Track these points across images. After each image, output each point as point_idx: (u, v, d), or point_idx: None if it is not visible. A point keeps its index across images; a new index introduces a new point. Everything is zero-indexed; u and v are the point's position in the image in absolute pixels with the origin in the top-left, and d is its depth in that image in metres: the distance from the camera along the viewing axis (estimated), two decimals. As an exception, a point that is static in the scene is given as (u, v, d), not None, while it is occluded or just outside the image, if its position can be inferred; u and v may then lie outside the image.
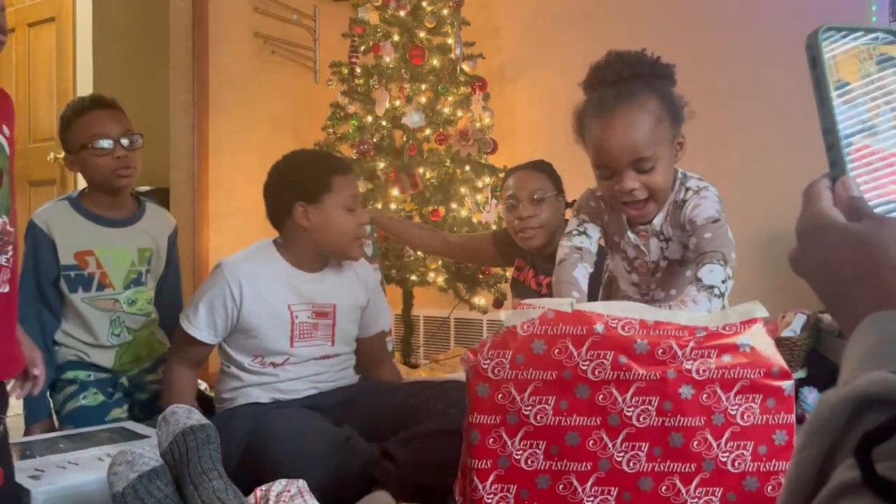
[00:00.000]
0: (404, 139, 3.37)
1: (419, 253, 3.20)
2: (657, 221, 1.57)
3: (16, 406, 1.89)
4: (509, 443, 1.35)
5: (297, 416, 1.84)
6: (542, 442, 1.33)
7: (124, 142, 2.18)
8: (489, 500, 1.36)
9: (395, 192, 3.25)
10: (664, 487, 1.31)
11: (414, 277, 3.32)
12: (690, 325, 1.33)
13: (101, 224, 2.20)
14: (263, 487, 1.48)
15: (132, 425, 1.98)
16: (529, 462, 1.35)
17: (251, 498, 1.48)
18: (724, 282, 1.45)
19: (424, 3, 3.37)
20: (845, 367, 0.47)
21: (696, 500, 1.30)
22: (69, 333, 2.17)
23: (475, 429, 1.36)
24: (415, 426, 1.85)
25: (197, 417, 1.52)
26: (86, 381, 2.17)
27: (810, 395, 2.88)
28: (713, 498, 1.30)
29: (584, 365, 1.32)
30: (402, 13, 3.37)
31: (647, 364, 1.31)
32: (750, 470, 1.30)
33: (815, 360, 2.93)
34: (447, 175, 3.30)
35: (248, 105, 3.68)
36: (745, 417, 1.30)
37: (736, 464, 1.30)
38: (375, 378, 2.19)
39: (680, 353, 1.31)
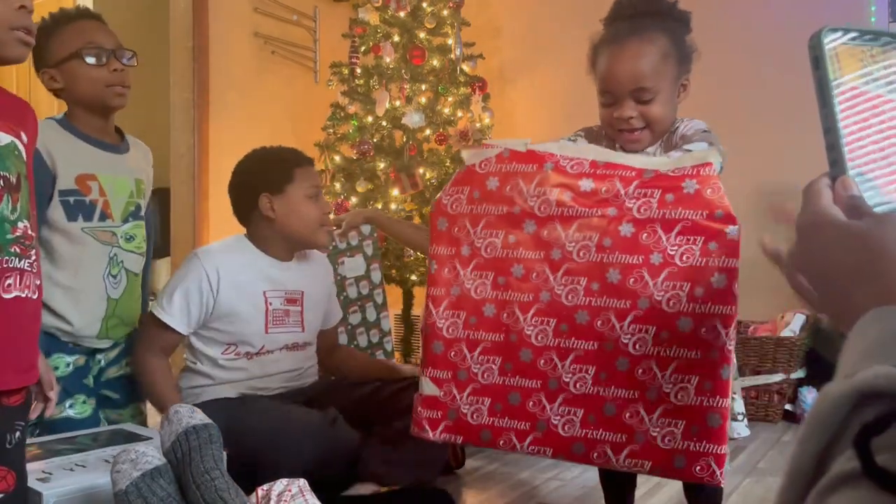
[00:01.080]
0: (404, 139, 3.37)
1: (419, 253, 3.20)
2: (650, 150, 1.61)
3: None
4: (462, 272, 1.44)
5: (276, 402, 1.93)
6: (490, 273, 1.42)
7: (121, 55, 1.91)
8: (441, 325, 1.46)
9: (395, 192, 3.25)
10: (599, 322, 1.35)
11: (414, 277, 3.32)
12: (642, 167, 1.36)
13: (99, 148, 1.92)
14: (265, 487, 1.49)
15: (133, 427, 1.98)
16: (478, 291, 1.44)
17: (253, 497, 1.48)
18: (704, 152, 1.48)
19: (424, 4, 3.38)
20: (845, 362, 0.47)
21: (629, 336, 1.33)
22: (54, 284, 1.79)
23: (433, 259, 1.47)
24: (382, 420, 1.93)
25: (200, 417, 1.52)
26: (69, 378, 1.87)
27: (809, 395, 2.89)
28: (646, 336, 1.32)
29: (531, 201, 1.40)
30: (402, 14, 3.38)
31: (590, 201, 1.36)
32: (685, 310, 1.30)
33: (815, 360, 2.94)
34: (447, 175, 3.30)
35: (248, 105, 3.68)
36: (684, 258, 1.31)
37: (671, 303, 1.31)
38: (336, 363, 2.28)
39: (623, 191, 1.35)
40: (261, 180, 2.04)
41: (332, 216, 2.24)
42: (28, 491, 1.43)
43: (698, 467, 1.30)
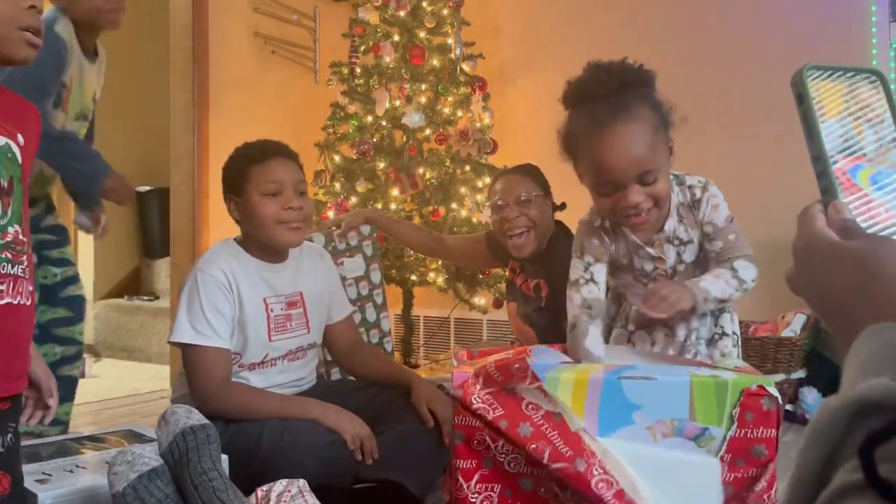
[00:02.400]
0: (404, 139, 3.37)
1: (419, 254, 3.20)
2: (669, 227, 1.55)
3: None
4: (492, 446, 1.35)
5: (276, 422, 1.81)
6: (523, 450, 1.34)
7: None
8: (474, 500, 1.36)
9: (395, 192, 3.25)
10: None
11: (414, 277, 3.32)
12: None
13: None
14: (264, 488, 1.48)
15: (139, 427, 1.98)
16: (512, 465, 1.35)
17: (252, 498, 1.48)
18: (753, 280, 1.49)
19: (424, 4, 3.37)
20: (845, 379, 0.48)
21: None
22: None
23: (460, 430, 1.37)
24: (381, 424, 1.88)
25: (197, 417, 1.52)
26: None
27: (810, 395, 2.88)
28: None
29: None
30: (402, 13, 3.37)
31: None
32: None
33: (815, 360, 2.93)
34: (447, 175, 3.30)
35: (248, 105, 3.68)
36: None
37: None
38: (357, 364, 2.18)
39: None
40: (225, 182, 2.00)
41: (331, 215, 2.19)
42: (25, 493, 1.42)
43: None
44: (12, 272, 1.23)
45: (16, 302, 1.24)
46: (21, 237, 1.26)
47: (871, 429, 0.39)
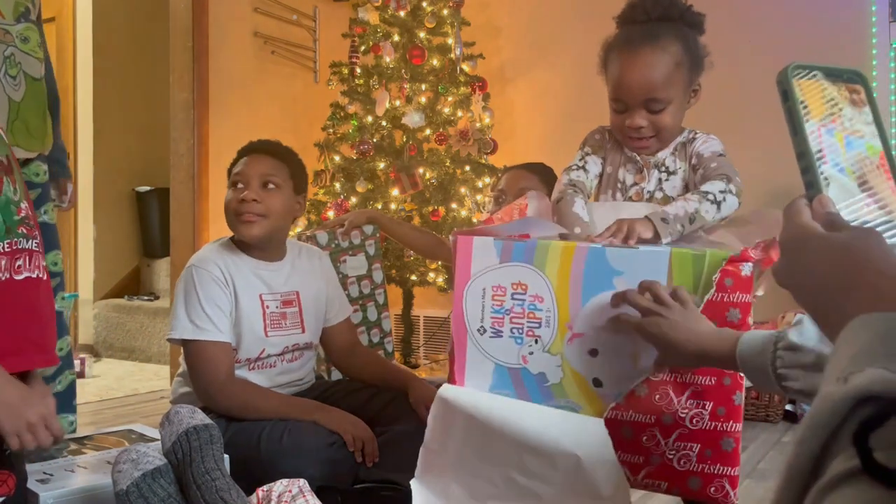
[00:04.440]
0: (404, 139, 3.37)
1: (420, 255, 3.20)
2: (661, 155, 1.61)
3: None
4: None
5: (276, 423, 1.80)
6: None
7: None
8: None
9: (395, 192, 3.25)
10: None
11: (414, 277, 3.32)
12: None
13: None
14: (265, 487, 1.49)
15: (142, 428, 1.98)
16: None
17: (253, 498, 1.48)
18: (721, 192, 1.48)
19: (424, 4, 3.38)
20: (834, 366, 0.48)
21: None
22: None
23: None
24: (381, 425, 1.87)
25: (200, 417, 1.52)
26: None
27: (810, 395, 2.89)
28: None
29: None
30: (402, 13, 3.38)
31: None
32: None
33: (815, 360, 2.94)
34: (447, 175, 3.30)
35: (249, 105, 3.68)
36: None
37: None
38: (357, 367, 2.17)
39: None
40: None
41: (331, 215, 2.18)
42: (27, 492, 1.42)
43: (713, 488, 1.34)
44: (27, 247, 1.24)
45: (34, 276, 1.25)
46: (30, 212, 1.27)
47: (865, 416, 0.40)
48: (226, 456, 1.66)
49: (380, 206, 3.23)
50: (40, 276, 1.26)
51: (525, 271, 1.34)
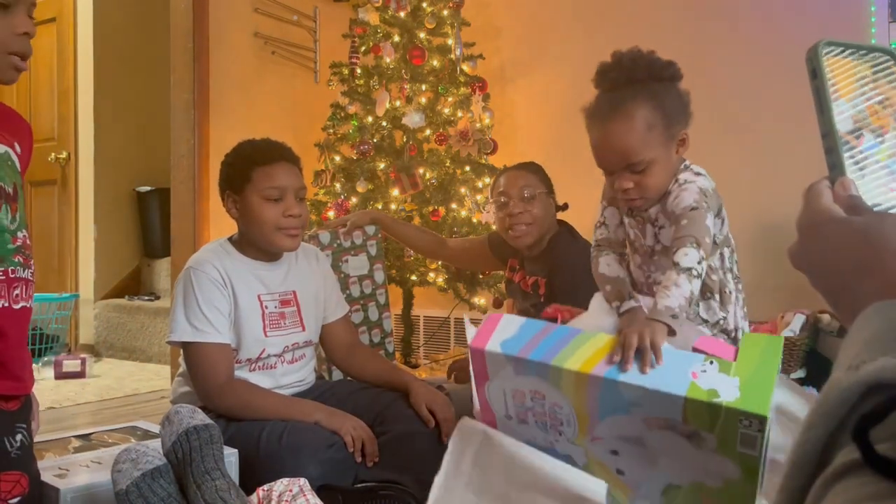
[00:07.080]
0: (404, 139, 3.37)
1: (420, 255, 3.20)
2: (652, 211, 1.63)
3: None
4: None
5: (276, 424, 1.81)
6: None
7: None
8: None
9: (395, 192, 3.26)
10: None
11: (414, 277, 3.32)
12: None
13: None
14: (265, 487, 1.49)
15: (146, 424, 1.98)
16: None
17: (253, 498, 1.49)
18: (699, 262, 1.47)
19: (424, 4, 3.38)
20: (846, 353, 0.47)
21: None
22: None
23: None
24: (382, 426, 1.88)
25: (200, 417, 1.52)
26: None
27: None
28: None
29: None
30: (402, 14, 3.38)
31: None
32: None
33: (814, 360, 2.94)
34: (447, 175, 3.30)
35: (249, 105, 3.68)
36: None
37: None
38: (357, 367, 2.17)
39: None
40: (225, 178, 2.00)
41: (331, 216, 2.18)
42: (44, 487, 1.43)
43: None
44: (23, 276, 1.26)
45: (28, 305, 1.28)
46: (28, 242, 1.29)
47: (866, 410, 0.39)
48: (234, 450, 1.66)
49: (380, 207, 3.23)
50: (31, 305, 1.31)
51: (541, 383, 1.34)
